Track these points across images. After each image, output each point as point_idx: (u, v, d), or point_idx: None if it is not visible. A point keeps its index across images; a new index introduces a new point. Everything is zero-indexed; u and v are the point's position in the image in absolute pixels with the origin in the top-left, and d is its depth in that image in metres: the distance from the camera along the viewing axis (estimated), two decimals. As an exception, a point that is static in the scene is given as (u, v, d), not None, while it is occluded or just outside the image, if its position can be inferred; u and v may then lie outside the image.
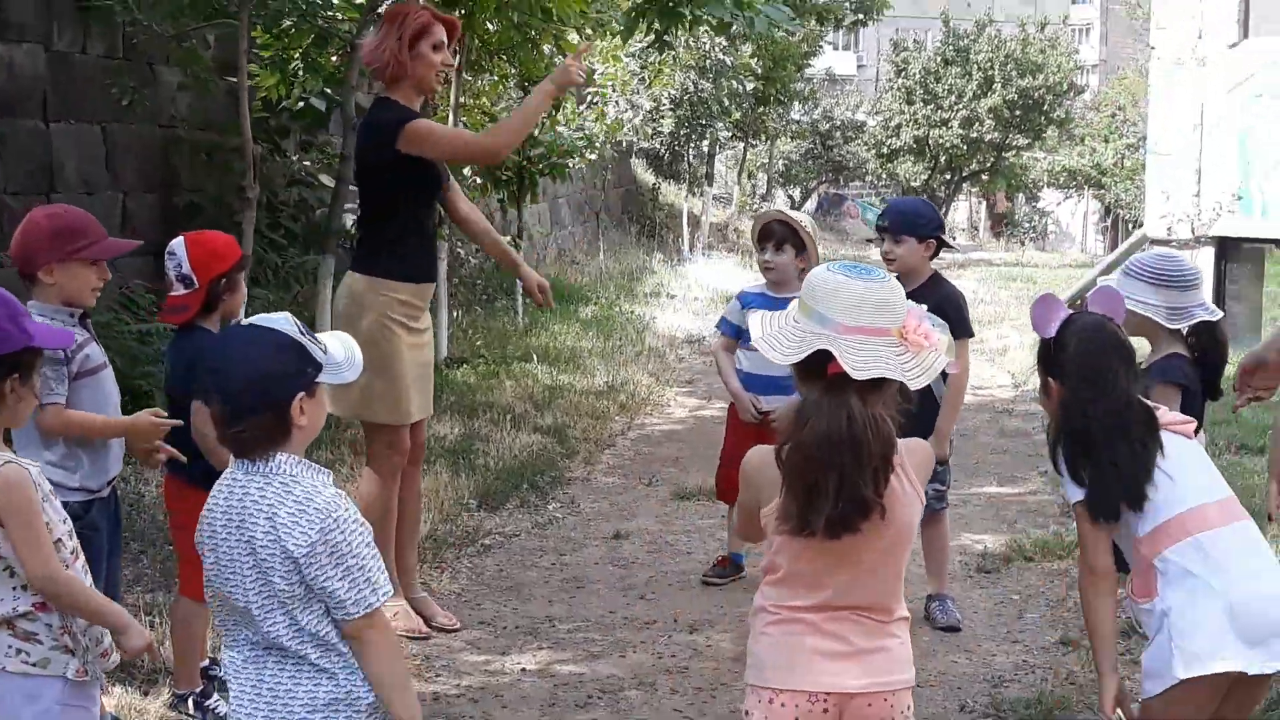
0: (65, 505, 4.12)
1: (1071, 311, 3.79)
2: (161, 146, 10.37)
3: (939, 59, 40.55)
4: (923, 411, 5.83)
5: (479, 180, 13.33)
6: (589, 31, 11.71)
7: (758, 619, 3.12)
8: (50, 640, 3.33)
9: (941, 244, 6.13)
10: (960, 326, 5.90)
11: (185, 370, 4.50)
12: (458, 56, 11.44)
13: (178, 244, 4.71)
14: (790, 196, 46.00)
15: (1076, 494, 3.71)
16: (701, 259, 22.98)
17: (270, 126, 10.81)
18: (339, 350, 3.16)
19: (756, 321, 3.12)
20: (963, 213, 53.87)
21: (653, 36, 9.22)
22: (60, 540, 3.34)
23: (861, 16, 30.85)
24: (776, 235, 6.33)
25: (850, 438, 2.90)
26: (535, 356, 12.23)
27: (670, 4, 8.82)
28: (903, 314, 3.00)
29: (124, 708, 4.83)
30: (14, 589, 3.30)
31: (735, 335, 6.44)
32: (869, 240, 37.64)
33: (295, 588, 2.95)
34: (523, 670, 5.57)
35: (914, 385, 2.97)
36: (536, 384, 11.26)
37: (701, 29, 9.76)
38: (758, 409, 6.29)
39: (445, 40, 5.73)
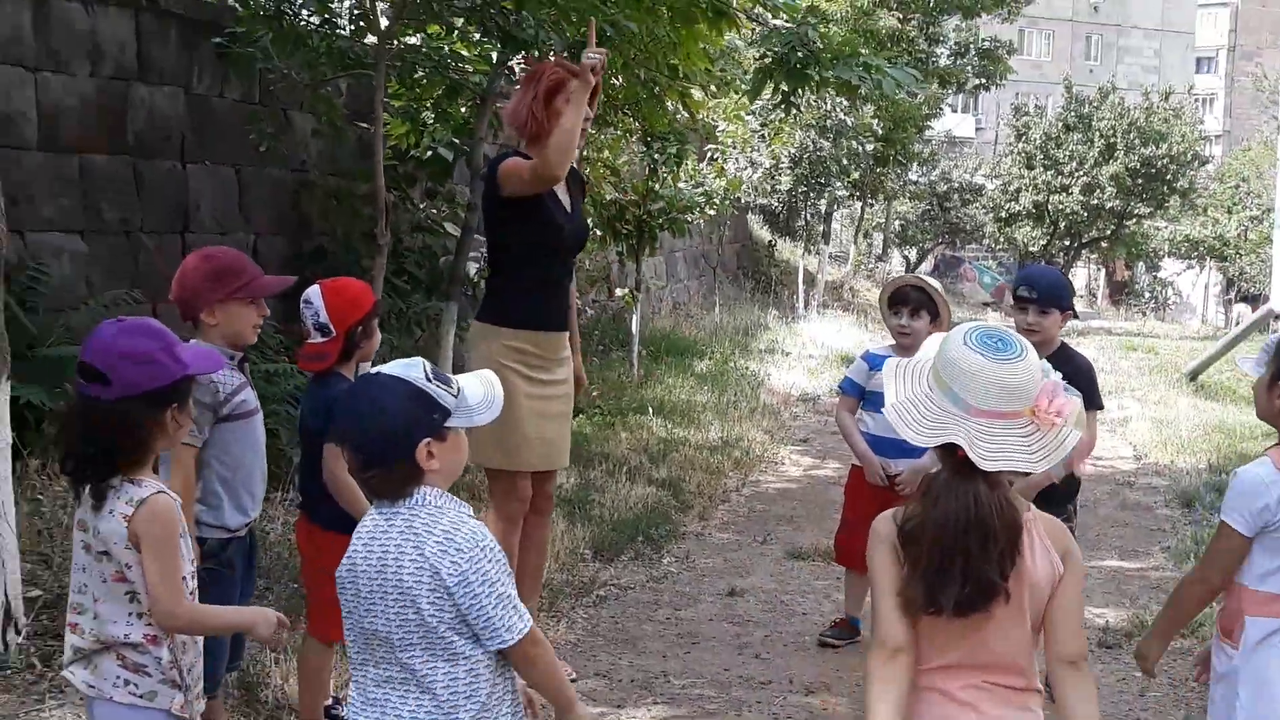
0: (203, 541, 4.23)
1: None
2: (293, 190, 10.57)
3: (1060, 124, 40.34)
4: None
5: (599, 232, 13.42)
6: (713, 89, 11.78)
7: (893, 684, 3.09)
8: (159, 674, 3.37)
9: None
10: (1090, 399, 5.85)
11: (321, 416, 4.56)
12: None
13: (314, 293, 4.74)
14: (906, 257, 45.86)
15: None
16: (816, 317, 22.95)
17: (399, 174, 10.97)
18: (476, 392, 3.20)
19: (890, 381, 3.09)
20: (1081, 279, 53.37)
21: (779, 97, 9.23)
22: (184, 579, 3.40)
23: (984, 80, 30.75)
24: (913, 301, 6.27)
25: (977, 522, 2.91)
26: (650, 409, 12.26)
27: (798, 65, 8.87)
28: (1035, 392, 2.97)
29: (246, 743, 4.88)
30: (130, 615, 3.35)
31: (859, 396, 6.40)
32: (985, 304, 37.40)
33: (444, 614, 3.01)
34: (637, 724, 5.57)
35: (1039, 469, 2.97)
36: (651, 436, 11.28)
37: (827, 90, 9.79)
38: (887, 472, 6.24)
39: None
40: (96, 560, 3.34)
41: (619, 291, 14.83)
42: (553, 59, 6.65)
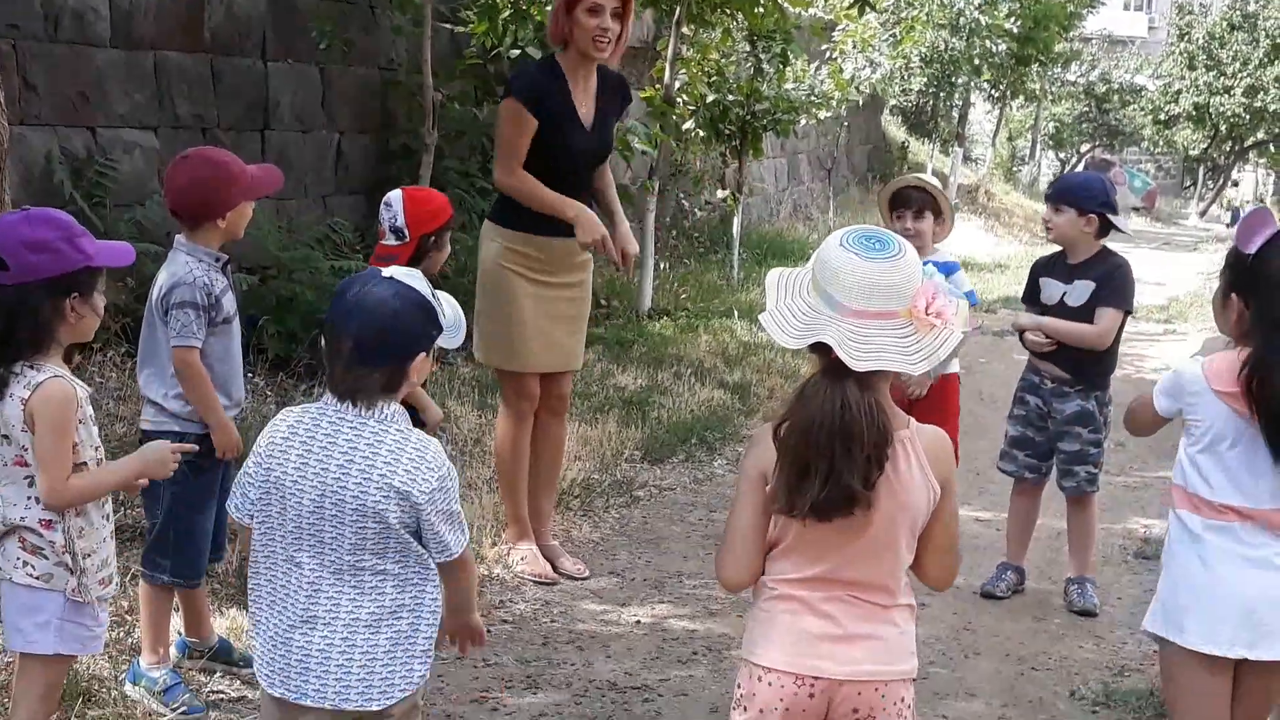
0: (183, 436, 4.32)
1: None
2: (379, 89, 10.66)
3: (1225, 24, 38.96)
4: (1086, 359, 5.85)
5: (701, 133, 13.33)
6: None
7: (757, 594, 3.07)
8: (54, 557, 3.46)
9: (1106, 222, 5.93)
10: (1115, 299, 5.88)
11: None
12: (677, 9, 11.48)
13: (395, 196, 4.82)
14: (1061, 159, 44.86)
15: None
16: (945, 221, 22.49)
17: (489, 73, 10.97)
18: (451, 313, 3.27)
19: (772, 290, 3.05)
20: (1248, 185, 51.82)
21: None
22: (85, 464, 3.48)
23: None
24: (915, 202, 6.08)
25: (842, 426, 2.84)
26: (737, 312, 12.19)
27: (873, -38, 8.69)
28: (912, 293, 2.90)
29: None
30: (28, 499, 3.45)
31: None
32: (1135, 208, 36.46)
33: (408, 525, 3.12)
34: (637, 622, 5.61)
35: (916, 371, 2.90)
36: (732, 339, 11.25)
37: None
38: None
39: (605, 4, 5.59)
40: (1, 444, 3.45)
41: (720, 193, 14.71)
42: None
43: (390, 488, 3.06)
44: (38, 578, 3.46)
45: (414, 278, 3.21)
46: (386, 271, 3.23)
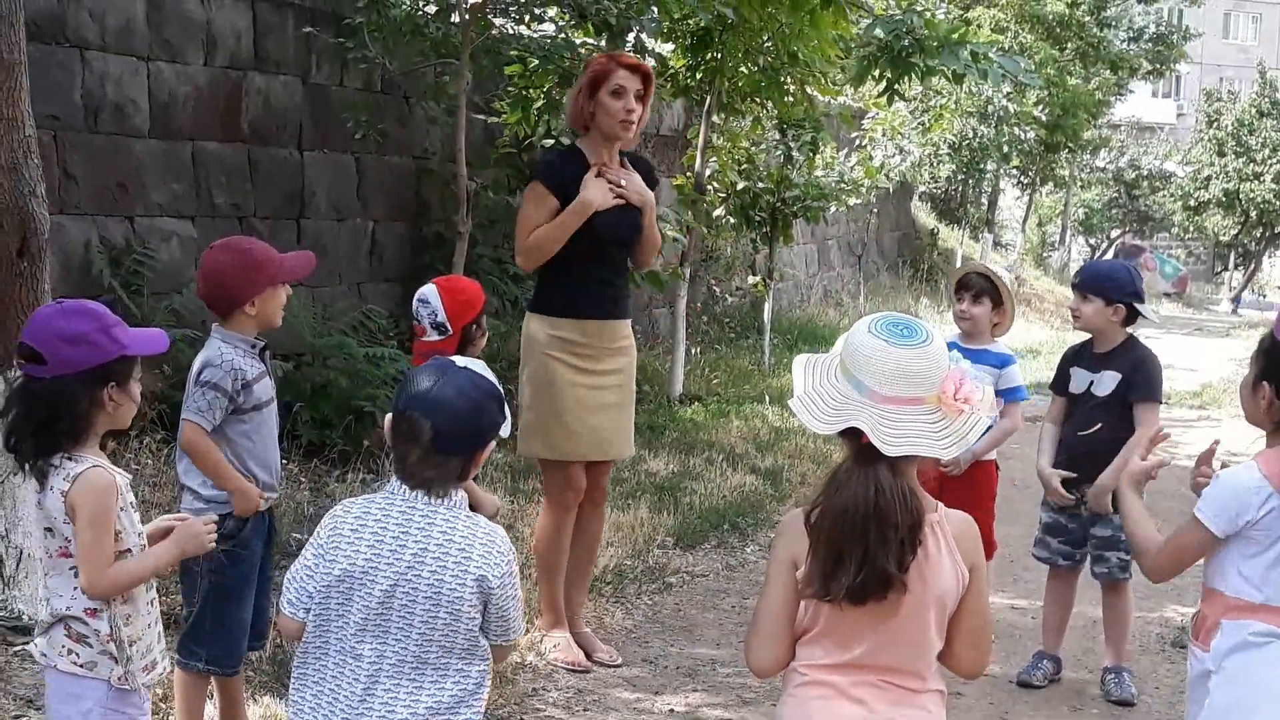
0: (222, 521, 4.34)
1: None
2: (414, 178, 10.78)
3: (1254, 110, 39.04)
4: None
5: (731, 220, 13.42)
6: (838, 75, 11.69)
7: (787, 680, 3.08)
8: (98, 645, 3.46)
9: (1133, 311, 5.95)
10: (1144, 391, 5.87)
11: None
12: (708, 99, 11.61)
13: (431, 292, 4.83)
14: (1091, 245, 44.86)
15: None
16: (974, 306, 22.51)
17: (521, 162, 11.09)
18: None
19: (800, 374, 3.08)
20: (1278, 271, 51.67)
21: (884, 84, 9.14)
22: (129, 550, 3.50)
23: (1158, 66, 29.94)
24: (975, 286, 6.22)
25: (877, 511, 2.88)
26: (769, 398, 12.21)
27: (903, 54, 8.79)
28: (940, 379, 2.93)
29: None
30: (74, 589, 3.45)
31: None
32: (1165, 294, 36.44)
33: (478, 616, 3.15)
34: (670, 711, 5.58)
35: (945, 456, 2.94)
36: (764, 425, 11.25)
37: (935, 79, 9.64)
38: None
39: (628, 87, 5.67)
40: (45, 537, 3.47)
41: (750, 279, 14.78)
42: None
43: (466, 573, 3.09)
44: (81, 665, 3.46)
45: (483, 367, 3.28)
46: (461, 361, 3.29)
